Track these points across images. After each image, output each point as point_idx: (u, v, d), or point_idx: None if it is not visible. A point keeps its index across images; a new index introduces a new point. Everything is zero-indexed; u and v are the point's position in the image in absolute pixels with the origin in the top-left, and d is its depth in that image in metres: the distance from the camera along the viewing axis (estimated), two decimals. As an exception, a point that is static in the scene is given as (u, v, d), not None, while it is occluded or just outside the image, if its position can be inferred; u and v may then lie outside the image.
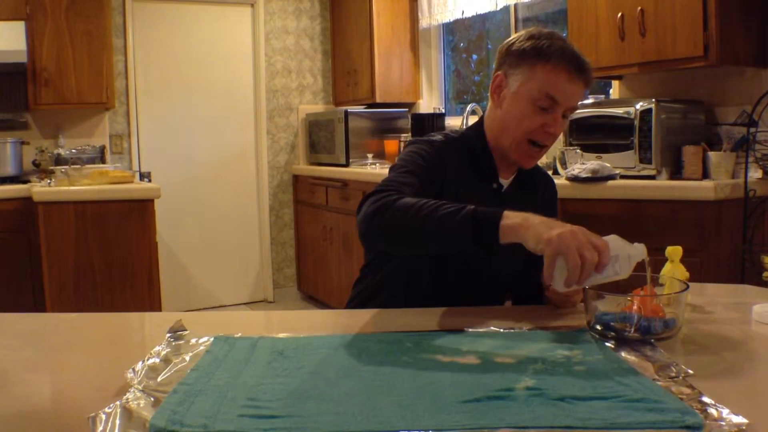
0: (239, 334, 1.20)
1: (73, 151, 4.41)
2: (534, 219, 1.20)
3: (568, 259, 1.12)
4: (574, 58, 1.48)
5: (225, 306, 5.23)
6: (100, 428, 0.82)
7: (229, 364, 1.05)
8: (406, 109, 5.02)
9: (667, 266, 1.37)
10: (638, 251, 1.21)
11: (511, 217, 1.21)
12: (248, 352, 1.11)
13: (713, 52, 2.66)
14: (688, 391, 0.92)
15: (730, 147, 2.82)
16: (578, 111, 3.15)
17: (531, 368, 1.02)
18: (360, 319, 1.37)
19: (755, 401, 0.93)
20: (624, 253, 1.20)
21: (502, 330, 1.24)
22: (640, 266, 1.22)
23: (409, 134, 4.65)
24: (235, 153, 5.26)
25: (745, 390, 0.97)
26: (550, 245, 1.14)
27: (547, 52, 1.47)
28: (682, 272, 1.35)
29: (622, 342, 1.14)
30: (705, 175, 2.80)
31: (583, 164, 2.93)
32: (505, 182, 1.62)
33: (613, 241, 1.21)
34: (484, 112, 1.69)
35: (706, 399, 0.88)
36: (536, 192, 1.69)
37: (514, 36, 1.58)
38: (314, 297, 5.23)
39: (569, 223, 1.20)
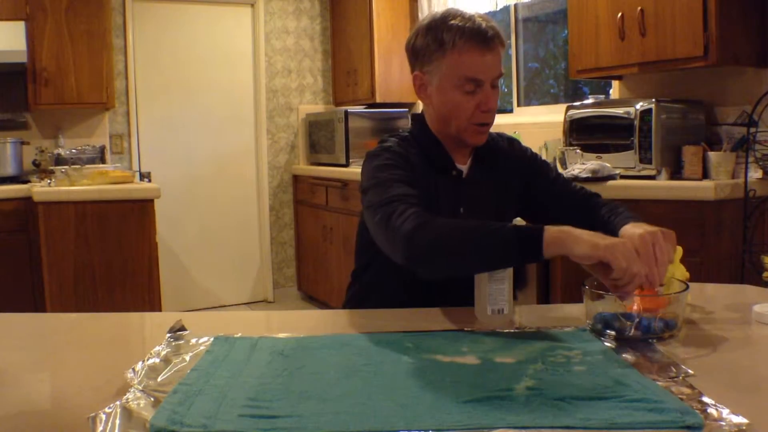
0: (239, 334, 1.20)
1: (73, 151, 4.41)
2: (576, 231, 1.18)
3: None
4: (475, 33, 1.46)
5: (225, 306, 5.23)
6: (100, 428, 0.82)
7: (229, 364, 1.05)
8: (406, 109, 5.01)
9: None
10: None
11: (552, 231, 1.18)
12: (248, 352, 1.11)
13: (713, 52, 2.66)
14: (688, 391, 0.92)
15: (730, 147, 2.81)
16: (578, 111, 3.16)
17: (531, 368, 1.02)
18: (360, 319, 1.37)
19: (755, 401, 0.93)
20: None
21: (502, 330, 1.24)
22: None
23: (409, 134, 4.64)
24: (235, 153, 5.26)
25: (745, 390, 0.97)
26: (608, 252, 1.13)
27: (450, 39, 1.47)
28: (682, 272, 1.35)
29: (622, 342, 1.14)
30: (705, 175, 2.80)
31: (583, 164, 2.93)
32: (463, 168, 1.62)
33: None
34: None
35: (706, 399, 0.88)
36: (505, 162, 1.66)
37: (412, 32, 1.58)
38: (314, 297, 5.23)
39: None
